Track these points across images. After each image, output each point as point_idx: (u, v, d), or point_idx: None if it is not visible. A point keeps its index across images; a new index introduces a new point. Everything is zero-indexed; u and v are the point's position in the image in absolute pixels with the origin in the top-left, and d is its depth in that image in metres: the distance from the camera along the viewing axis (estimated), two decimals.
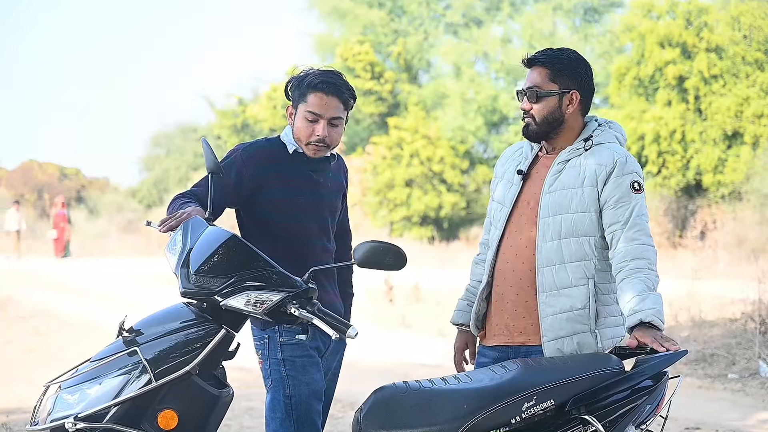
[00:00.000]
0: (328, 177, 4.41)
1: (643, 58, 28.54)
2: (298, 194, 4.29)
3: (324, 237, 4.35)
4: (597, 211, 4.04)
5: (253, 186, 4.26)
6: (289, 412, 4.18)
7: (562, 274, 4.04)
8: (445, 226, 35.97)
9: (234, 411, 8.73)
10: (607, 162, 4.04)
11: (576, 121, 4.20)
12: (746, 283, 13.14)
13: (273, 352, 4.22)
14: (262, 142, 4.39)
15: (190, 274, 3.50)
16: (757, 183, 24.62)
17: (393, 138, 35.46)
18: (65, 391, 3.49)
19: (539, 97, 4.14)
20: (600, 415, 3.59)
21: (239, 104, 39.78)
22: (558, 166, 4.14)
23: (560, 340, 4.01)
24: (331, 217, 4.42)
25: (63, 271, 25.44)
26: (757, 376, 10.16)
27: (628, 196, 4.00)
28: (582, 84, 4.18)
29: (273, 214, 4.28)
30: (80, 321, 15.62)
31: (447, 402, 3.59)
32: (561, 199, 4.07)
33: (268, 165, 4.28)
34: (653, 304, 3.78)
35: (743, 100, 26.48)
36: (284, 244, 4.25)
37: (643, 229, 3.98)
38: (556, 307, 4.02)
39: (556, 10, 39.06)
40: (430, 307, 16.14)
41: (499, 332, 4.21)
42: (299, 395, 4.17)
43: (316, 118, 4.22)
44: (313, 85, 4.22)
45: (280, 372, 4.20)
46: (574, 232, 4.04)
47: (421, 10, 40.84)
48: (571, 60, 4.19)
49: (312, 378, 4.20)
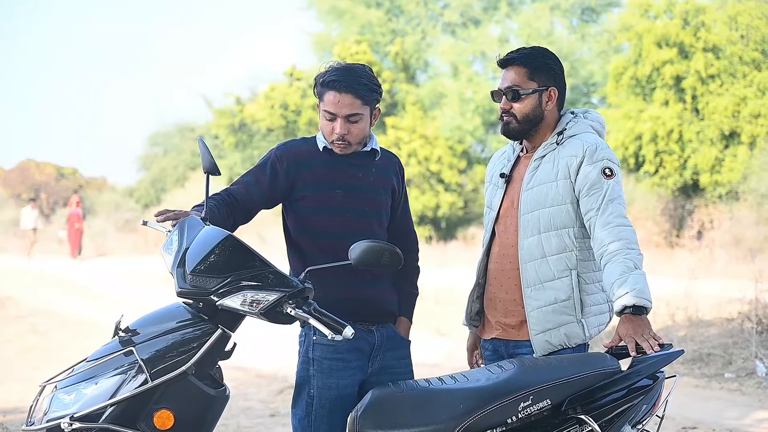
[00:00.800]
0: (370, 172, 4.39)
1: (641, 57, 28.53)
2: (332, 188, 4.28)
3: (366, 231, 4.28)
4: (573, 202, 4.09)
5: (288, 182, 4.28)
6: (308, 411, 4.19)
7: (544, 268, 4.10)
8: (442, 226, 35.96)
9: (231, 411, 8.73)
10: (577, 152, 4.11)
11: (553, 117, 4.28)
12: (743, 283, 13.14)
13: (306, 349, 4.25)
14: (296, 141, 4.43)
15: (186, 273, 3.50)
16: (754, 182, 24.62)
17: (391, 137, 35.44)
18: (61, 391, 3.49)
19: (520, 95, 4.21)
20: (596, 414, 3.60)
21: (237, 103, 39.68)
22: (534, 162, 4.23)
23: (548, 332, 4.07)
24: (374, 211, 4.37)
25: (62, 270, 25.41)
26: (753, 376, 10.17)
27: (600, 183, 4.04)
28: (558, 80, 4.27)
29: (309, 210, 4.29)
30: (78, 320, 15.63)
31: (443, 402, 3.59)
32: (538, 194, 4.15)
33: (301, 162, 4.30)
34: (634, 283, 3.79)
35: (740, 100, 26.47)
36: (324, 239, 4.26)
37: (615, 210, 4.00)
38: (541, 301, 4.08)
39: (554, 10, 39.04)
40: (428, 306, 16.12)
41: (493, 328, 4.31)
42: (321, 397, 4.16)
43: (333, 117, 4.24)
44: (326, 83, 4.24)
45: (308, 371, 4.21)
46: (553, 225, 4.10)
47: (418, 9, 40.81)
48: (547, 57, 4.27)
49: (338, 383, 4.17)
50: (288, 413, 8.81)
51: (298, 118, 37.37)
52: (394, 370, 4.32)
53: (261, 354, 12.03)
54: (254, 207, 4.24)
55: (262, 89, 39.79)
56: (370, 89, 4.30)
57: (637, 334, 3.74)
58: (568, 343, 4.05)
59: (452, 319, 14.79)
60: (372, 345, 4.28)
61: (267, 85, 39.28)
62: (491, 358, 4.31)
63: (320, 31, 42.61)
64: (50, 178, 50.47)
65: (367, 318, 4.28)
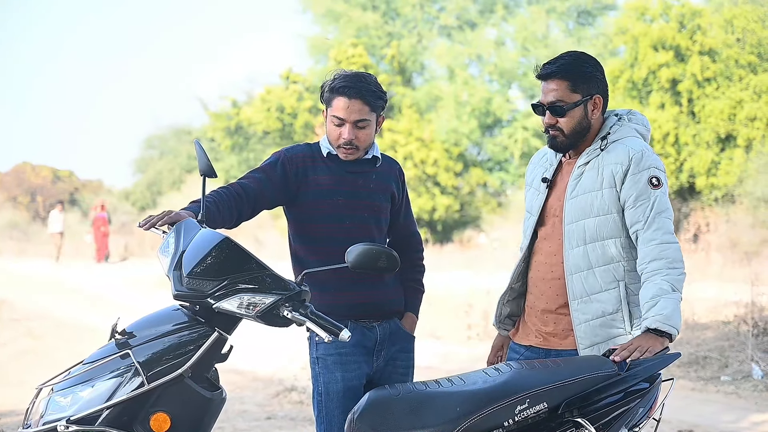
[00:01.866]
0: (370, 179, 4.47)
1: (637, 60, 28.53)
2: (334, 195, 4.37)
3: (366, 237, 4.35)
4: (619, 211, 4.02)
5: (295, 186, 4.35)
6: (320, 408, 4.33)
7: (591, 280, 4.03)
8: (438, 229, 35.93)
9: (227, 413, 8.73)
10: (622, 160, 4.00)
11: (598, 122, 4.18)
12: (739, 286, 13.17)
13: (311, 350, 4.38)
14: (301, 146, 4.51)
15: (183, 276, 3.49)
16: (750, 186, 24.62)
17: (387, 140, 35.43)
18: (58, 394, 3.49)
19: (565, 111, 4.09)
20: (593, 418, 3.59)
21: (233, 106, 39.65)
22: (578, 170, 4.13)
23: (596, 346, 4.00)
24: (373, 217, 4.46)
25: (57, 273, 25.39)
26: (749, 379, 10.17)
27: (647, 193, 3.96)
28: (600, 86, 4.16)
29: (312, 215, 4.37)
30: (74, 323, 15.61)
31: (440, 405, 3.58)
32: (582, 203, 4.06)
33: (306, 167, 4.38)
34: (662, 308, 3.76)
35: (736, 103, 26.48)
36: (326, 245, 4.34)
37: (662, 227, 3.94)
38: (589, 314, 4.02)
39: (550, 13, 39.05)
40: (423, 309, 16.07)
41: (533, 335, 4.25)
42: (328, 393, 4.30)
43: (341, 122, 4.31)
44: (336, 89, 4.31)
45: (315, 370, 4.36)
46: (599, 236, 4.02)
47: (414, 12, 40.80)
48: (587, 65, 4.14)
49: (343, 375, 4.29)
50: (284, 416, 8.83)
51: (295, 121, 37.36)
52: (398, 362, 4.47)
53: (258, 357, 12.02)
54: (263, 202, 4.30)
55: (258, 92, 39.76)
56: (378, 96, 4.38)
57: (641, 348, 3.71)
58: None
59: (448, 322, 14.80)
60: (375, 341, 4.39)
61: (263, 88, 39.25)
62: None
63: (316, 35, 42.58)
64: (46, 181, 50.40)
65: (372, 316, 4.38)
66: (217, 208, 4.02)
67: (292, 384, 10.08)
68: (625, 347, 3.73)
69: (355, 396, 4.22)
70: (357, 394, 4.25)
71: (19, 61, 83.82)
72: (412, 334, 4.60)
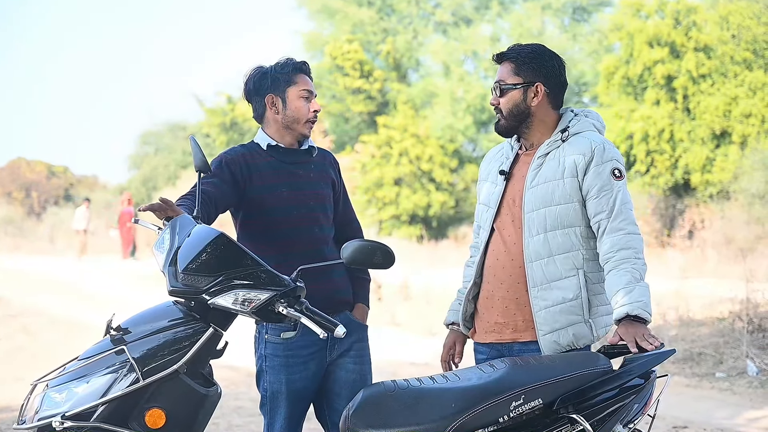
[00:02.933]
0: (310, 168, 4.59)
1: (632, 57, 28.55)
2: (279, 188, 4.45)
3: (315, 225, 4.48)
4: (580, 201, 4.07)
5: (242, 182, 4.41)
6: (264, 403, 4.44)
7: (551, 267, 4.06)
8: (434, 225, 35.94)
9: (222, 409, 8.73)
10: (585, 151, 4.07)
11: (547, 114, 4.23)
12: (734, 283, 13.19)
13: (259, 347, 4.45)
14: (236, 147, 4.61)
15: (178, 272, 3.49)
16: (745, 182, 24.65)
17: (382, 137, 35.42)
18: (53, 390, 3.48)
19: (503, 90, 4.21)
20: (588, 414, 3.60)
21: (228, 102, 39.66)
22: (538, 160, 4.18)
23: (556, 332, 4.03)
24: (319, 205, 4.55)
25: (50, 268, 25.37)
26: (744, 375, 10.19)
27: (610, 184, 4.03)
28: (548, 76, 4.22)
29: (259, 210, 4.43)
30: (69, 319, 15.60)
31: (435, 401, 3.59)
32: (543, 192, 4.10)
33: (247, 164, 4.46)
34: (639, 296, 3.80)
35: (731, 100, 26.51)
36: (275, 238, 4.40)
37: (628, 217, 4.01)
38: (549, 300, 4.05)
39: (545, 9, 39.06)
40: (419, 305, 16.14)
41: (490, 329, 4.25)
42: (273, 392, 4.38)
43: (310, 95, 4.51)
44: (298, 67, 4.53)
45: (262, 367, 4.43)
46: (560, 224, 4.07)
47: (410, 8, 40.80)
48: (537, 53, 4.24)
49: (288, 377, 4.36)
50: None
51: None
52: (352, 353, 4.53)
53: (253, 353, 12.01)
54: (222, 204, 4.34)
55: None
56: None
57: (638, 335, 3.74)
58: (577, 344, 4.03)
59: (443, 318, 14.79)
60: (327, 337, 4.34)
61: None
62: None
63: (311, 30, 42.60)
64: (41, 177, 50.31)
65: (323, 310, 4.36)
66: None
67: None
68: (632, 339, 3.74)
69: (301, 397, 4.36)
70: (302, 397, 4.38)
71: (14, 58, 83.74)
72: (364, 323, 4.66)
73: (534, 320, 4.08)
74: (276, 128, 4.53)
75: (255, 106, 4.58)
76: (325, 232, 4.55)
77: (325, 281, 4.41)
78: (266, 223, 4.42)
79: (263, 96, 4.51)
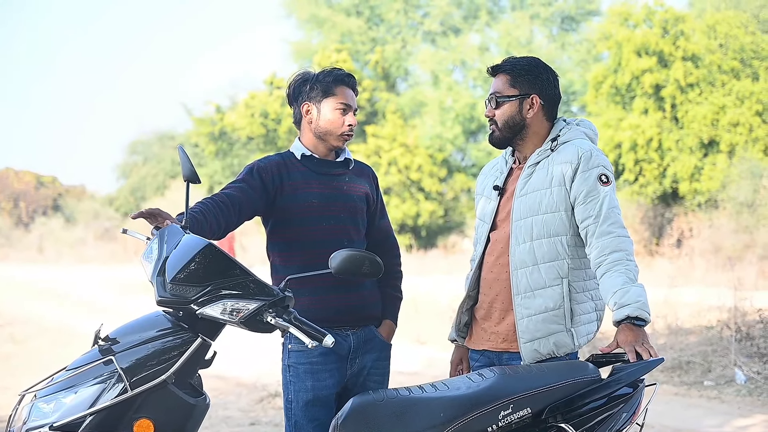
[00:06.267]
0: (344, 180, 4.55)
1: (620, 66, 28.64)
2: (309, 198, 4.43)
3: (344, 237, 4.44)
4: (567, 209, 4.08)
5: (272, 193, 4.40)
6: (289, 416, 4.36)
7: (536, 275, 4.08)
8: (423, 234, 35.99)
9: (211, 420, 8.72)
10: (572, 159, 4.08)
11: (541, 126, 4.26)
12: (722, 291, 13.22)
13: (284, 357, 4.39)
14: (272, 156, 4.57)
15: (166, 282, 3.48)
16: (733, 191, 24.74)
17: (371, 146, 35.46)
18: (41, 400, 3.47)
19: (499, 102, 4.23)
20: (576, 423, 3.59)
21: (217, 112, 39.65)
22: (528, 169, 4.20)
23: (537, 341, 4.04)
24: (350, 217, 4.51)
25: (39, 278, 25.31)
26: (732, 384, 10.21)
27: (596, 190, 4.03)
28: (543, 89, 4.25)
29: (288, 220, 4.42)
30: (57, 328, 15.57)
31: (424, 410, 3.58)
32: (531, 201, 4.13)
33: (280, 173, 4.44)
34: (637, 296, 3.80)
35: (719, 109, 26.61)
36: (303, 248, 4.38)
37: (616, 221, 4.01)
38: (532, 309, 4.06)
39: (534, 19, 39.17)
40: (408, 314, 16.10)
41: (486, 338, 4.26)
42: (297, 401, 4.31)
43: (347, 109, 4.47)
44: (340, 79, 4.49)
45: (286, 378, 4.38)
46: (546, 233, 4.08)
47: (398, 18, 40.87)
48: (532, 66, 4.27)
49: (314, 384, 4.30)
50: (268, 422, 8.83)
51: (278, 126, 37.37)
52: (372, 371, 4.46)
53: (241, 363, 12.01)
54: (247, 210, 4.31)
55: (242, 97, 39.80)
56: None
57: (638, 343, 3.74)
58: (557, 352, 4.04)
59: (432, 327, 14.80)
60: (348, 348, 4.39)
61: (247, 93, 39.28)
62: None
63: (300, 40, 42.64)
64: (29, 187, 50.26)
65: (349, 323, 4.41)
66: (204, 217, 4.02)
67: (276, 390, 10.07)
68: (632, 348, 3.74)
69: (325, 406, 4.29)
70: (327, 403, 4.30)
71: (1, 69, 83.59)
72: (388, 342, 4.59)
73: (516, 327, 4.10)
74: (309, 137, 4.52)
75: (294, 112, 4.57)
76: (355, 245, 4.48)
77: (354, 294, 4.41)
78: (295, 233, 4.40)
79: (300, 103, 4.51)
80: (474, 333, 4.36)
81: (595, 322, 4.13)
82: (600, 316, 4.16)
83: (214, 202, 4.16)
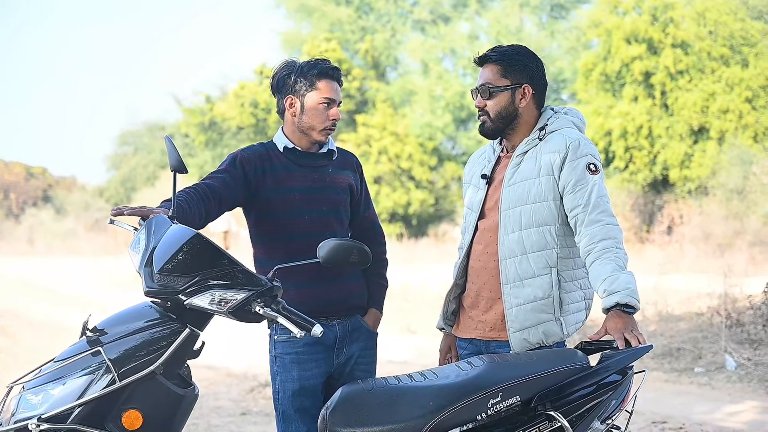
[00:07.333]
0: (326, 172, 4.52)
1: (610, 54, 28.66)
2: (292, 191, 4.40)
3: (327, 230, 4.39)
4: (556, 199, 4.08)
5: (255, 182, 4.38)
6: (277, 406, 4.38)
7: (524, 265, 4.08)
8: (413, 223, 36.00)
9: (201, 410, 8.72)
10: (560, 148, 4.08)
11: (531, 115, 4.27)
12: (712, 278, 13.25)
13: (270, 348, 4.40)
14: (255, 145, 4.54)
15: (153, 273, 3.47)
16: (723, 178, 24.79)
17: (361, 135, 35.44)
18: (29, 392, 3.46)
19: (492, 93, 4.22)
20: (565, 410, 3.59)
21: (207, 102, 39.61)
22: (516, 159, 4.21)
23: (526, 330, 4.06)
24: (333, 210, 4.49)
25: (29, 270, 25.26)
26: (723, 370, 10.23)
27: (585, 179, 4.03)
28: (533, 78, 4.26)
29: (270, 212, 4.39)
30: (46, 321, 15.55)
31: (413, 399, 3.58)
32: (520, 191, 4.13)
33: (263, 165, 4.41)
34: (627, 283, 3.80)
35: (709, 96, 26.64)
36: (286, 242, 4.37)
37: (605, 209, 4.01)
38: (521, 298, 4.07)
39: (523, 7, 39.15)
40: (398, 303, 16.12)
41: (474, 326, 4.27)
42: (284, 391, 4.33)
43: (332, 103, 4.42)
44: (324, 72, 4.42)
45: (273, 368, 4.40)
46: (534, 222, 4.09)
47: (388, 7, 40.83)
48: (522, 55, 4.27)
49: (300, 374, 4.31)
50: (259, 411, 8.82)
51: (268, 116, 37.33)
52: (360, 360, 4.47)
53: (232, 353, 12.00)
54: (228, 201, 4.29)
55: (232, 88, 39.75)
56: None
57: (627, 330, 3.75)
58: (546, 342, 4.05)
59: (422, 316, 14.82)
60: (335, 337, 4.40)
61: (237, 83, 39.23)
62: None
63: (290, 29, 42.59)
64: (19, 178, 50.16)
65: (335, 313, 4.42)
66: (188, 206, 4.01)
67: (266, 379, 10.06)
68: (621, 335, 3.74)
69: (312, 395, 4.30)
70: (314, 393, 4.32)
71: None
72: (374, 331, 4.59)
73: (505, 317, 4.10)
74: (292, 130, 4.48)
75: (278, 102, 4.53)
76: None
77: (340, 284, 4.40)
78: (277, 226, 4.38)
79: (284, 95, 4.46)
80: (461, 321, 4.37)
81: (583, 311, 4.15)
82: (589, 305, 4.17)
83: (197, 191, 4.15)
